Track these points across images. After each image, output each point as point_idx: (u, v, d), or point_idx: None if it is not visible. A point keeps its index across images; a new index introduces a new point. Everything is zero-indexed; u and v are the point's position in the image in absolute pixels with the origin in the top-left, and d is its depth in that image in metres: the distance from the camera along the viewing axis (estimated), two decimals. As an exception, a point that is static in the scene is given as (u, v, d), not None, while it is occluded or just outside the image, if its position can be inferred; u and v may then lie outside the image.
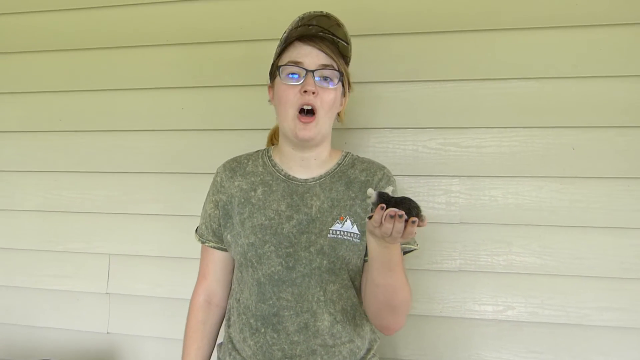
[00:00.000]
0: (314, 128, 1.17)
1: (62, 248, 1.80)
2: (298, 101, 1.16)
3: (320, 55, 1.17)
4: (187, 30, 1.73)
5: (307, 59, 1.16)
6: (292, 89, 1.16)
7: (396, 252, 1.05)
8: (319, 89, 1.16)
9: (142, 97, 1.76)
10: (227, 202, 1.25)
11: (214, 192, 1.29)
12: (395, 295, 1.11)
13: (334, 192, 1.22)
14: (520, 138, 1.53)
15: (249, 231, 1.18)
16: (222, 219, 1.25)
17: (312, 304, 1.15)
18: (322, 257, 1.15)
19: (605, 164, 1.49)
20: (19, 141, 1.85)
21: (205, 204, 1.32)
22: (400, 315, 1.15)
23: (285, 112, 1.18)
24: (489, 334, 1.54)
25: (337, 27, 1.20)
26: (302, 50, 1.18)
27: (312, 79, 1.15)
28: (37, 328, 1.82)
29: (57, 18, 1.82)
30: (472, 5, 1.55)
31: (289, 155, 1.25)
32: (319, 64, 1.17)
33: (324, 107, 1.17)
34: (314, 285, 1.15)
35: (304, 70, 1.16)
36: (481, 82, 1.55)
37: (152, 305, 1.75)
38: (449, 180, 1.57)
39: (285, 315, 1.15)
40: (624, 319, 1.47)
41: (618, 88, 1.48)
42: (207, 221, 1.29)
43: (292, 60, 1.17)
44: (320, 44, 1.18)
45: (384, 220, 0.92)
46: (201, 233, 1.31)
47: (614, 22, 1.48)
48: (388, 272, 1.07)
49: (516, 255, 1.53)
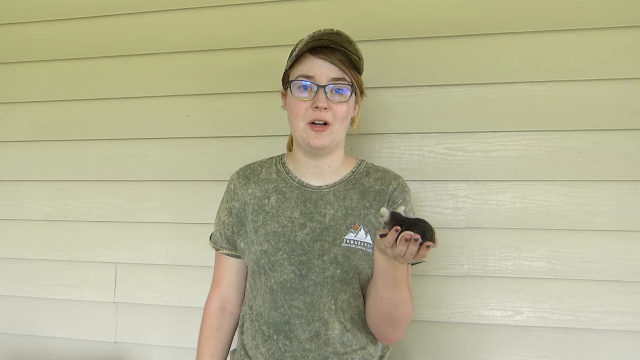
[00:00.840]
0: (328, 137, 1.17)
1: (69, 257, 1.80)
2: (310, 116, 1.16)
3: (331, 69, 1.16)
4: (192, 38, 1.73)
5: (319, 73, 1.15)
6: (304, 104, 1.16)
7: (402, 269, 1.05)
8: (331, 104, 1.16)
9: (147, 105, 1.77)
10: (240, 210, 1.25)
11: (227, 199, 1.29)
12: (397, 309, 1.12)
13: (348, 200, 1.22)
14: (527, 142, 1.53)
15: (262, 238, 1.19)
16: (235, 227, 1.25)
17: (323, 313, 1.15)
18: (336, 266, 1.15)
19: (613, 167, 1.48)
20: (25, 151, 1.85)
21: (219, 211, 1.32)
22: (400, 328, 1.17)
23: (297, 124, 1.18)
24: (498, 339, 1.53)
25: (348, 43, 1.18)
26: (313, 63, 1.16)
27: (324, 95, 1.15)
28: (44, 338, 1.82)
29: (62, 27, 1.82)
30: (478, 10, 1.56)
31: (302, 163, 1.25)
32: (331, 77, 1.16)
33: (337, 120, 1.17)
34: (326, 294, 1.15)
35: (316, 85, 1.15)
36: (487, 86, 1.55)
37: (160, 314, 1.74)
38: (455, 185, 1.56)
39: (297, 323, 1.15)
40: (634, 322, 1.46)
41: (625, 91, 1.48)
42: (221, 228, 1.29)
43: (303, 74, 1.16)
44: (331, 56, 1.16)
45: (399, 243, 0.92)
46: (215, 240, 1.31)
47: (619, 24, 1.48)
48: (393, 288, 1.08)
49: (524, 260, 1.52)
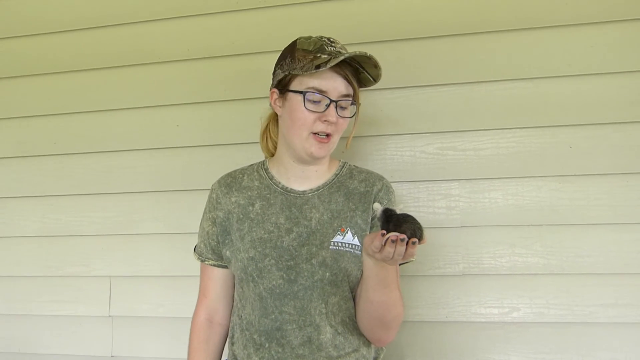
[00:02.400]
0: (328, 148, 1.20)
1: (62, 272, 1.78)
2: (317, 127, 1.16)
3: (343, 84, 1.17)
4: (179, 47, 1.72)
5: (331, 88, 1.15)
6: (313, 115, 1.16)
7: (392, 270, 1.06)
8: (337, 118, 1.17)
9: (136, 116, 1.75)
10: (224, 219, 1.25)
11: (210, 209, 1.29)
12: (388, 311, 1.13)
13: (334, 203, 1.22)
14: (517, 139, 1.53)
15: (249, 245, 1.18)
16: (220, 236, 1.25)
17: (314, 317, 1.15)
18: (325, 269, 1.15)
19: (603, 161, 1.49)
20: (14, 167, 1.83)
21: (203, 222, 1.31)
22: (392, 330, 1.18)
23: (300, 133, 1.17)
24: (496, 336, 1.53)
25: (374, 68, 1.20)
26: (327, 77, 1.15)
27: (335, 110, 1.16)
28: (39, 355, 1.80)
29: (47, 41, 1.81)
30: (463, 10, 1.56)
31: (288, 167, 1.25)
32: (342, 94, 1.17)
33: (338, 132, 1.20)
34: (316, 298, 1.15)
35: (328, 99, 1.15)
36: (475, 85, 1.55)
37: (156, 326, 1.73)
38: (448, 184, 1.57)
39: (289, 329, 1.15)
40: (630, 314, 1.47)
41: (612, 85, 1.49)
42: (206, 239, 1.28)
43: (317, 88, 1.15)
44: (345, 71, 1.17)
45: (387, 245, 0.94)
46: (200, 252, 1.30)
47: (604, 19, 1.49)
48: (384, 290, 1.09)
49: (519, 256, 1.52)
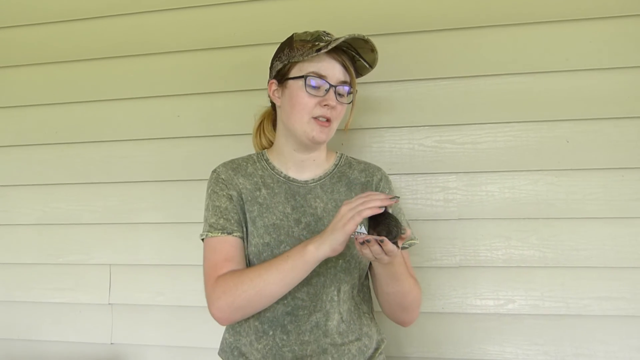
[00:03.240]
0: (328, 133, 1.22)
1: (62, 261, 1.80)
2: (317, 111, 1.19)
3: (341, 71, 1.20)
4: (180, 39, 1.73)
5: (330, 74, 1.19)
6: (313, 99, 1.18)
7: (397, 264, 1.09)
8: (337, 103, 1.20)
9: (137, 106, 1.76)
10: (238, 198, 1.22)
11: (221, 188, 1.23)
12: (405, 298, 1.18)
13: (336, 193, 1.26)
14: (514, 133, 1.55)
15: (263, 231, 1.18)
16: (240, 212, 1.21)
17: (325, 304, 1.17)
18: (338, 256, 1.15)
19: (599, 155, 1.51)
20: (15, 155, 1.84)
21: (216, 200, 1.22)
22: (413, 312, 1.24)
23: (301, 117, 1.19)
24: (491, 328, 1.55)
25: (370, 52, 1.25)
26: (327, 63, 1.19)
27: (334, 95, 1.19)
28: (39, 342, 1.82)
29: (48, 31, 1.82)
30: (462, 4, 1.57)
31: (288, 156, 1.27)
32: (340, 80, 1.20)
33: (337, 119, 1.23)
34: (329, 285, 1.18)
35: (328, 84, 1.18)
36: (474, 79, 1.56)
37: (155, 314, 1.74)
38: (445, 177, 1.58)
39: (300, 314, 1.17)
40: (623, 307, 1.49)
41: (609, 80, 1.50)
42: (226, 214, 1.20)
43: (317, 72, 1.18)
44: (343, 58, 1.21)
45: (360, 248, 1.00)
46: (223, 226, 1.19)
47: (603, 15, 1.50)
48: (396, 282, 1.14)
49: (515, 249, 1.54)
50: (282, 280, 1.08)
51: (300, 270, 1.07)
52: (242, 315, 1.14)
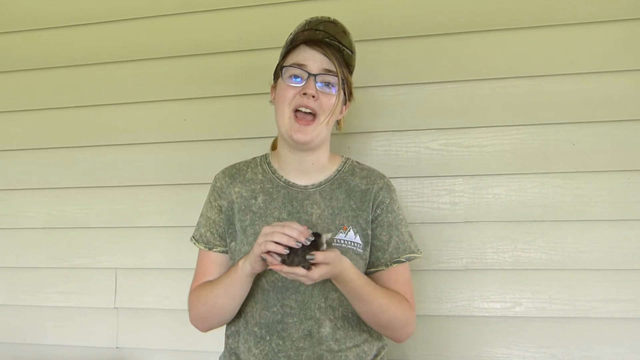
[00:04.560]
0: (312, 132, 1.17)
1: (68, 264, 1.80)
2: (296, 102, 1.17)
3: (324, 60, 1.18)
4: (187, 43, 1.74)
5: (311, 63, 1.18)
6: (292, 89, 1.17)
7: (355, 287, 1.09)
8: (320, 94, 1.17)
9: (144, 110, 1.77)
10: (228, 208, 1.25)
11: (214, 198, 1.28)
12: (378, 318, 1.15)
13: (334, 200, 1.23)
14: (520, 135, 1.55)
15: (252, 239, 1.18)
16: (225, 225, 1.25)
17: (314, 311, 1.16)
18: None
19: (605, 158, 1.52)
20: (22, 159, 1.85)
21: (206, 211, 1.30)
22: (396, 330, 1.20)
23: (282, 111, 1.18)
24: (498, 330, 1.55)
25: (344, 34, 1.21)
26: (307, 53, 1.19)
27: (314, 83, 1.16)
28: (44, 346, 1.81)
29: (57, 35, 1.83)
30: (468, 8, 1.58)
31: (286, 159, 1.25)
32: (322, 68, 1.18)
33: (325, 112, 1.18)
34: (317, 293, 1.16)
35: (307, 73, 1.17)
36: (480, 82, 1.58)
37: (161, 318, 1.74)
38: (452, 180, 1.58)
39: (290, 322, 1.16)
40: (630, 309, 1.49)
41: (614, 83, 1.51)
42: (212, 227, 1.27)
43: (296, 62, 1.18)
44: (325, 49, 1.19)
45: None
46: (207, 240, 1.27)
47: (608, 19, 1.51)
48: (359, 302, 1.12)
49: (522, 252, 1.54)
50: (227, 294, 1.15)
51: (238, 284, 1.13)
52: (210, 324, 1.22)
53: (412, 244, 1.25)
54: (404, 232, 1.25)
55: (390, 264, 1.21)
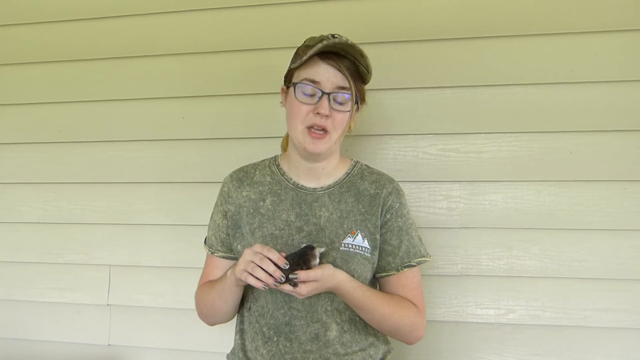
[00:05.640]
0: (324, 145, 1.17)
1: (62, 260, 1.79)
2: (310, 120, 1.15)
3: (337, 76, 1.15)
4: (187, 40, 1.74)
5: (324, 79, 1.14)
6: (305, 107, 1.15)
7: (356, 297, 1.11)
8: (333, 111, 1.15)
9: (142, 107, 1.76)
10: (235, 213, 1.25)
11: (221, 202, 1.29)
12: (383, 325, 1.18)
13: (343, 203, 1.23)
14: (519, 143, 1.55)
15: (260, 241, 1.19)
16: (230, 229, 1.26)
17: (321, 315, 1.17)
18: None
19: (602, 167, 1.52)
20: (18, 153, 1.84)
21: (214, 215, 1.32)
22: (405, 335, 1.22)
23: (295, 126, 1.18)
24: (492, 337, 1.55)
25: (361, 57, 1.16)
26: (320, 68, 1.15)
27: (327, 102, 1.14)
28: (36, 342, 1.80)
29: (56, 29, 1.82)
30: (470, 14, 1.58)
31: (297, 164, 1.25)
32: (336, 85, 1.15)
33: (336, 128, 1.17)
34: (323, 296, 1.17)
35: (320, 91, 1.14)
36: (480, 89, 1.57)
37: (154, 316, 1.74)
38: (449, 185, 1.58)
39: (297, 324, 1.17)
40: (624, 319, 1.49)
41: (614, 93, 1.51)
42: (216, 231, 1.29)
43: (309, 78, 1.15)
44: (339, 63, 1.15)
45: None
46: (210, 244, 1.31)
47: (608, 28, 1.52)
48: (361, 311, 1.15)
49: (517, 259, 1.54)
50: (221, 298, 1.20)
51: (229, 291, 1.17)
52: (214, 320, 1.30)
53: (422, 247, 1.26)
54: (414, 236, 1.25)
55: (401, 268, 1.22)
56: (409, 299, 1.21)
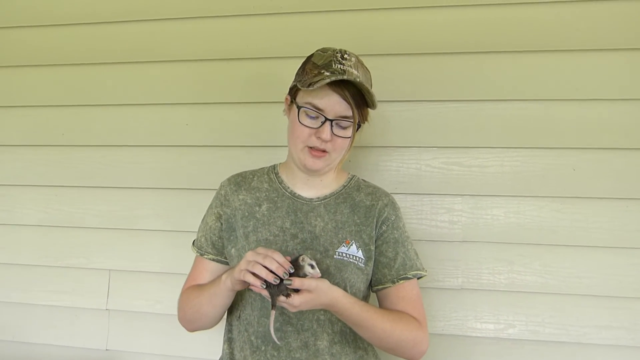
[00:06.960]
0: (324, 162, 1.20)
1: (62, 263, 1.78)
2: (311, 142, 1.17)
3: (342, 105, 1.15)
4: (193, 47, 1.74)
5: (328, 107, 1.15)
6: (307, 130, 1.17)
7: (352, 314, 1.09)
8: (334, 136, 1.17)
9: (145, 113, 1.76)
10: (230, 216, 1.26)
11: (217, 204, 1.30)
12: (384, 342, 1.16)
13: (339, 214, 1.23)
14: (521, 158, 1.56)
15: (254, 245, 1.19)
16: (224, 232, 1.26)
17: (312, 323, 1.17)
18: (327, 277, 1.14)
19: (604, 185, 1.52)
20: (20, 155, 1.83)
21: (206, 217, 1.33)
22: (408, 351, 1.19)
23: (296, 144, 1.20)
24: (491, 352, 1.55)
25: (367, 93, 1.16)
26: (325, 94, 1.14)
27: (329, 128, 1.15)
28: (34, 345, 1.79)
29: (60, 33, 1.82)
30: (475, 28, 1.59)
31: (295, 174, 1.27)
32: (340, 115, 1.16)
33: (337, 151, 1.20)
34: None
35: (323, 117, 1.15)
36: (484, 103, 1.58)
37: (152, 322, 1.73)
38: (451, 198, 1.58)
39: (288, 331, 1.16)
40: (623, 337, 1.49)
41: (617, 111, 1.52)
42: (207, 233, 1.29)
43: (313, 104, 1.15)
44: (345, 91, 1.14)
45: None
46: (200, 245, 1.30)
47: (613, 47, 1.52)
48: (359, 329, 1.13)
49: (517, 274, 1.54)
50: (210, 302, 1.19)
51: (220, 295, 1.16)
52: (196, 326, 1.27)
53: (417, 262, 1.26)
54: (410, 249, 1.26)
55: (396, 280, 1.22)
56: (408, 312, 1.21)
